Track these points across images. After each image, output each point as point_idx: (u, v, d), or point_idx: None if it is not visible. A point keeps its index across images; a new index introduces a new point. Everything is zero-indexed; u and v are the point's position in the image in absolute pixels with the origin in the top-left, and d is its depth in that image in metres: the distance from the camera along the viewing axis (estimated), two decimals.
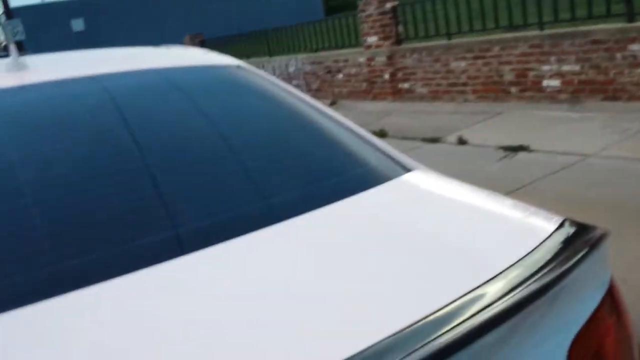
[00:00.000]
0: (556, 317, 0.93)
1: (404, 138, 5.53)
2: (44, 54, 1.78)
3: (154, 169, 1.27)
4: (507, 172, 4.15)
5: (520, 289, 0.89)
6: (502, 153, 4.55)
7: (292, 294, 0.94)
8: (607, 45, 5.26)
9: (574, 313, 0.95)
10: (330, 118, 1.61)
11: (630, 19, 5.24)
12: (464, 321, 0.82)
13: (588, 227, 1.08)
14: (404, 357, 0.76)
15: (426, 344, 0.78)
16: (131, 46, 2.04)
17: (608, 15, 5.39)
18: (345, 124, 1.60)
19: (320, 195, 1.26)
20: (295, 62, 9.25)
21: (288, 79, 9.14)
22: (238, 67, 1.80)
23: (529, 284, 0.90)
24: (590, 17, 5.51)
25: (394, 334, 0.81)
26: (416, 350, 0.77)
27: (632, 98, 5.18)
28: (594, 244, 1.01)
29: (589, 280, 1.00)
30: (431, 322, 0.83)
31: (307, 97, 1.69)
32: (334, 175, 1.38)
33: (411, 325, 0.82)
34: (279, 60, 9.60)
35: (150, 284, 0.97)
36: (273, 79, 1.78)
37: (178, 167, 1.29)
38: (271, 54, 9.87)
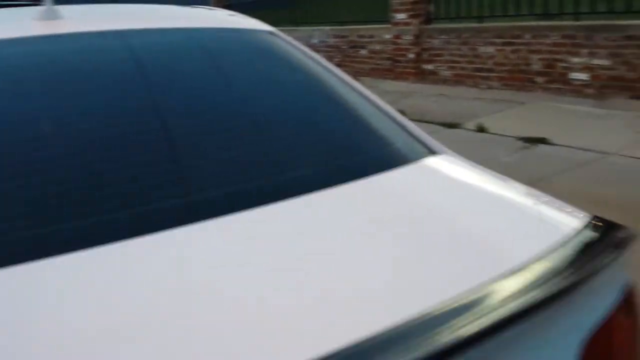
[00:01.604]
0: (569, 317, 0.88)
1: (422, 121, 5.45)
2: (73, 5, 1.77)
3: (172, 132, 1.24)
4: (524, 163, 4.10)
5: (535, 289, 0.84)
6: (521, 144, 4.49)
7: (284, 275, 0.89)
8: None
9: (588, 314, 0.91)
10: (361, 94, 1.58)
11: None
12: (465, 321, 0.76)
13: (616, 226, 1.04)
14: (395, 355, 0.71)
15: (420, 342, 0.73)
16: (154, 4, 2.00)
17: None
18: (375, 101, 1.56)
19: (340, 172, 1.23)
20: (320, 34, 9.12)
21: None
22: (270, 32, 1.75)
23: (546, 285, 0.85)
24: (629, 12, 5.35)
25: (388, 330, 0.75)
26: (409, 348, 0.72)
27: None
28: (622, 246, 0.97)
29: (609, 282, 0.96)
30: (428, 318, 0.78)
31: (338, 71, 1.66)
32: (357, 153, 1.35)
33: (408, 320, 0.76)
34: (303, 30, 9.47)
35: (154, 250, 0.95)
36: (305, 48, 1.74)
37: (197, 133, 1.26)
38: (297, 23, 9.75)
